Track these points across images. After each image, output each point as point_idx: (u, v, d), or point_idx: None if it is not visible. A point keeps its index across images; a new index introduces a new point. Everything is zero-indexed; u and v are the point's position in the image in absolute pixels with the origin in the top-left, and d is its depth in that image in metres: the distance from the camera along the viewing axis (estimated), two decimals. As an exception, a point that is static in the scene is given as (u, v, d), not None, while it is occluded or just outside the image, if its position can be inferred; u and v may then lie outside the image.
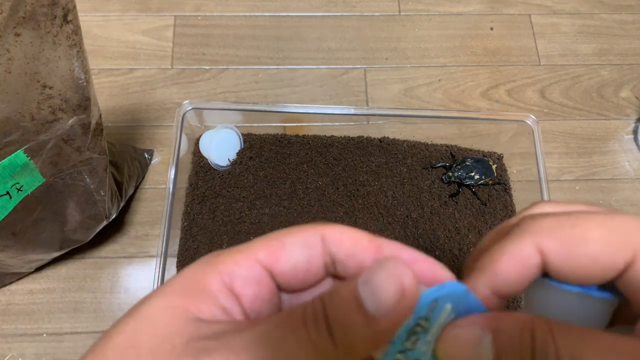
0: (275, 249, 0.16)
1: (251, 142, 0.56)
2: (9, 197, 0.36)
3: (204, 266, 0.16)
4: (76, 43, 0.33)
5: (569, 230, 0.16)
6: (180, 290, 0.16)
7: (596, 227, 0.16)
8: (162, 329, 0.15)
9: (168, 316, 0.15)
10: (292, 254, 0.17)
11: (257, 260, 0.16)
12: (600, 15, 0.70)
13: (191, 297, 0.15)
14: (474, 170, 0.54)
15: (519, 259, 0.16)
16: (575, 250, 0.16)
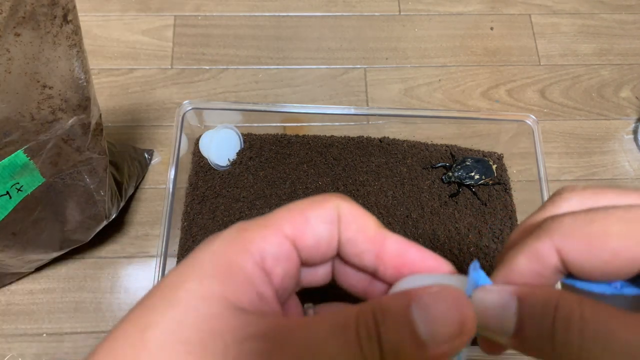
0: (300, 223, 0.16)
1: (251, 142, 0.56)
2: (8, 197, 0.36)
3: (234, 244, 0.16)
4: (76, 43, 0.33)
5: (587, 228, 0.16)
6: (216, 273, 0.15)
7: (615, 221, 0.15)
8: (209, 323, 0.14)
9: (211, 307, 0.14)
10: (317, 228, 0.16)
11: (284, 235, 0.16)
12: (601, 15, 0.70)
13: (228, 282, 0.15)
14: (474, 170, 0.54)
15: (535, 258, 0.16)
16: (595, 247, 0.15)
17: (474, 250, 0.52)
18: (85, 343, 0.49)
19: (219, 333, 0.14)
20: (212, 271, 0.15)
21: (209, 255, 0.15)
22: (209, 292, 0.14)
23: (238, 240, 0.16)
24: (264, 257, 0.16)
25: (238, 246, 0.15)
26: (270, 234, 0.16)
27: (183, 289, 0.15)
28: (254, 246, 0.16)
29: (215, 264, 0.15)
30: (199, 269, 0.15)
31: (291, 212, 0.17)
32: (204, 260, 0.15)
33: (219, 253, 0.15)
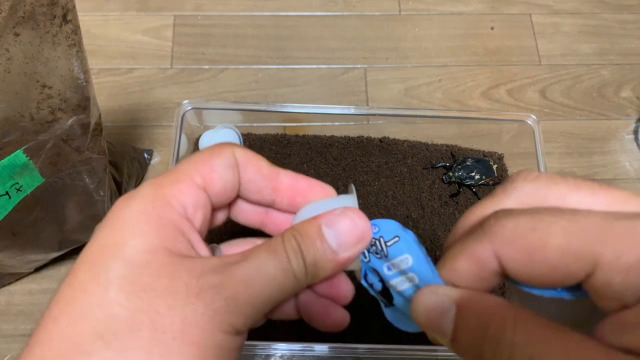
0: (207, 172, 0.18)
1: (251, 142, 0.56)
2: (8, 197, 0.36)
3: (157, 200, 0.17)
4: (75, 43, 0.33)
5: (528, 237, 0.15)
6: (151, 229, 0.17)
7: (557, 232, 0.15)
8: (164, 270, 0.16)
9: (159, 257, 0.16)
10: (222, 174, 0.19)
11: (197, 185, 0.18)
12: (601, 15, 0.69)
13: (164, 235, 0.17)
14: (474, 170, 0.54)
15: (474, 261, 0.17)
16: (533, 259, 0.15)
17: (474, 251, 0.52)
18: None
19: (176, 276, 0.16)
20: (147, 227, 0.17)
21: (136, 214, 0.17)
22: (152, 246, 0.16)
23: (159, 197, 0.17)
24: (185, 208, 0.18)
25: (161, 202, 0.17)
26: (185, 187, 0.18)
27: (128, 246, 0.16)
28: (175, 200, 0.17)
29: (146, 220, 0.17)
30: (134, 226, 0.17)
31: (198, 164, 0.18)
32: (133, 219, 0.17)
33: (145, 211, 0.17)
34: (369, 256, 0.20)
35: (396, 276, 0.20)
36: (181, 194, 0.18)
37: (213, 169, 0.19)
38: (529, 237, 0.15)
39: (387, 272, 0.20)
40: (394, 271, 0.20)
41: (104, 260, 0.16)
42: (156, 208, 0.17)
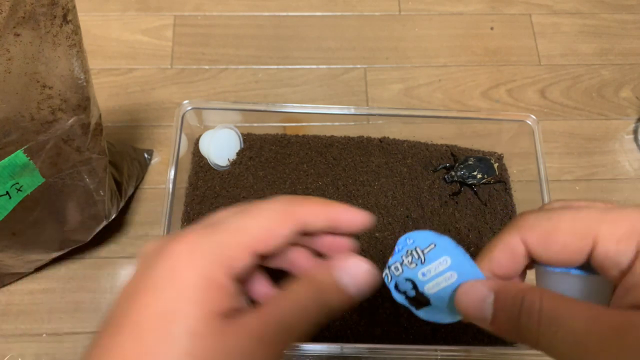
0: (267, 240, 0.20)
1: (251, 142, 0.56)
2: (8, 197, 0.36)
3: (216, 264, 0.18)
4: (76, 43, 0.33)
5: (545, 223, 0.20)
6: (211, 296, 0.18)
7: (566, 220, 0.20)
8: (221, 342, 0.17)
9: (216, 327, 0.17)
10: (280, 242, 0.20)
11: (253, 251, 0.19)
12: (601, 15, 0.69)
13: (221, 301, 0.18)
14: (476, 169, 0.54)
15: (507, 249, 0.21)
16: (549, 240, 0.20)
17: (474, 250, 0.52)
18: (85, 343, 0.49)
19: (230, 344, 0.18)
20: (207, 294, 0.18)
21: (198, 279, 0.18)
22: (211, 314, 0.17)
23: (220, 260, 0.19)
24: (239, 272, 0.19)
25: (220, 265, 0.18)
26: (244, 254, 0.19)
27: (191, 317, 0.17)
28: (234, 263, 0.19)
29: (207, 286, 0.18)
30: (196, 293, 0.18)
31: (262, 229, 0.20)
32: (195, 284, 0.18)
33: (206, 275, 0.18)
34: (402, 268, 0.24)
35: (432, 279, 0.23)
36: (238, 260, 0.19)
37: (274, 239, 0.20)
38: (545, 224, 0.20)
39: (422, 277, 0.23)
40: (429, 276, 0.23)
41: (172, 327, 0.17)
42: (215, 272, 0.18)
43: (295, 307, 0.19)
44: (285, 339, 0.19)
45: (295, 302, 0.20)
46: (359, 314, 0.48)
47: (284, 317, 0.19)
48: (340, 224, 0.22)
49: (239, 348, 0.17)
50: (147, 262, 0.19)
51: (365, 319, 0.49)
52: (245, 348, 0.18)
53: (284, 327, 0.19)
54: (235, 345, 0.17)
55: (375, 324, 0.48)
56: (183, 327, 0.17)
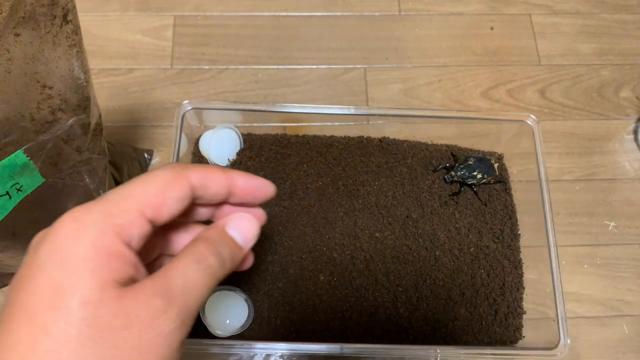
0: (159, 204, 0.20)
1: (251, 142, 0.56)
2: (8, 197, 0.36)
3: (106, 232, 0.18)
4: (76, 43, 0.33)
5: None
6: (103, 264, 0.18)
7: None
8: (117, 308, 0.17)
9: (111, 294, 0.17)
10: (172, 208, 0.20)
11: (145, 217, 0.19)
12: (601, 15, 0.69)
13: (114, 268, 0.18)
14: (476, 169, 0.54)
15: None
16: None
17: (474, 250, 0.52)
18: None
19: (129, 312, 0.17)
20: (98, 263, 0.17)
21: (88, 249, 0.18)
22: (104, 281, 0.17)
23: (108, 227, 0.18)
24: (131, 239, 0.19)
25: (110, 233, 0.18)
26: (134, 219, 0.19)
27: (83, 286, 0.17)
28: (123, 231, 0.19)
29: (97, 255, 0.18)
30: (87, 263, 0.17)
31: (151, 195, 0.20)
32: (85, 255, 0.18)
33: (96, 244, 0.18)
34: None
35: None
36: (130, 226, 0.19)
37: (165, 203, 0.20)
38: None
39: None
40: None
41: (63, 301, 0.17)
42: (105, 240, 0.18)
43: (191, 264, 0.20)
44: (186, 296, 0.19)
45: (191, 259, 0.20)
46: (358, 314, 0.49)
47: (182, 274, 0.19)
48: (237, 189, 0.23)
49: (139, 310, 0.17)
50: (32, 250, 0.19)
51: (365, 319, 0.49)
52: (145, 309, 0.17)
53: (183, 283, 0.19)
54: (135, 308, 0.17)
55: (375, 324, 0.48)
56: (76, 298, 0.17)
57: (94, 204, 0.19)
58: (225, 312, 0.47)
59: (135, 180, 0.20)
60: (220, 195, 0.22)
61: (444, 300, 0.50)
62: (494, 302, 0.50)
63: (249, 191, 0.23)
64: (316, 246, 0.51)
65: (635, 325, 0.53)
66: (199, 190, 0.21)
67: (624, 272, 0.55)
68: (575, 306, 0.53)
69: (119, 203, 0.19)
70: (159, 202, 0.20)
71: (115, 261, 0.18)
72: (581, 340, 0.52)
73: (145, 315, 0.17)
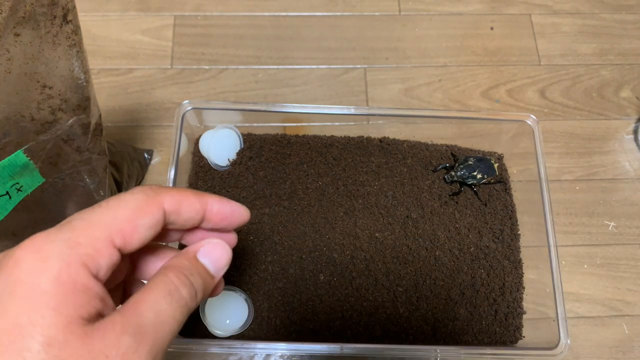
0: (129, 232, 0.18)
1: (251, 142, 0.56)
2: (8, 197, 0.36)
3: (72, 264, 0.17)
4: (76, 43, 0.33)
5: None
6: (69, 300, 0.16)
7: None
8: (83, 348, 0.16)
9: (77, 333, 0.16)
10: (143, 235, 0.19)
11: (114, 246, 0.18)
12: (601, 15, 0.70)
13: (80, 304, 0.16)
14: (476, 169, 0.54)
15: None
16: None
17: (474, 250, 0.52)
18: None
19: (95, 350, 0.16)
20: (63, 298, 0.16)
21: (52, 284, 0.16)
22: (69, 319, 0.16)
23: (74, 259, 0.17)
24: (99, 270, 0.18)
25: (76, 265, 0.17)
26: (103, 248, 0.18)
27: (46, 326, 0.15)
28: (91, 262, 0.17)
29: (63, 291, 0.16)
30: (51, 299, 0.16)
31: (121, 222, 0.18)
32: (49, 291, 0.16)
33: (61, 278, 0.16)
34: None
35: None
36: (97, 256, 0.17)
37: (135, 230, 0.19)
38: None
39: None
40: None
41: (23, 342, 0.15)
42: (72, 274, 0.17)
43: (162, 297, 0.18)
44: (158, 332, 0.18)
45: (162, 291, 0.19)
46: (358, 314, 0.49)
47: (152, 308, 0.18)
48: (212, 214, 0.22)
49: (108, 350, 0.16)
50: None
51: (365, 319, 0.49)
52: (115, 349, 0.16)
53: (154, 318, 0.18)
54: (103, 347, 0.16)
55: (375, 324, 0.48)
56: (38, 338, 0.15)
57: (58, 231, 0.17)
58: (225, 312, 0.47)
59: (103, 205, 0.19)
60: (193, 220, 0.21)
61: (444, 300, 0.50)
62: (494, 302, 0.50)
63: (224, 216, 0.22)
64: (316, 246, 0.51)
65: (635, 325, 0.53)
66: (172, 215, 0.20)
67: (624, 272, 0.55)
68: (575, 306, 0.53)
69: (85, 230, 0.18)
70: (129, 230, 0.18)
71: (81, 296, 0.16)
72: (581, 340, 0.52)
73: (115, 355, 0.16)
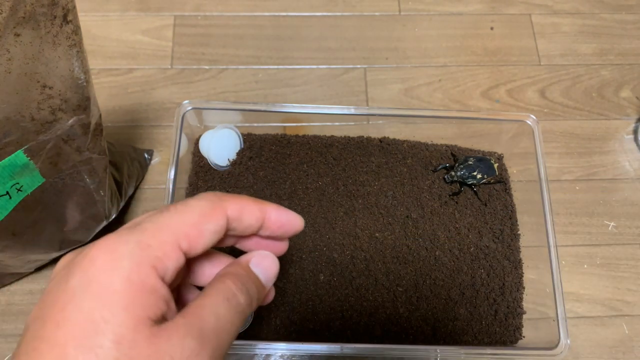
0: (195, 237, 0.19)
1: (251, 142, 0.56)
2: (8, 197, 0.36)
3: (142, 265, 0.17)
4: (76, 43, 0.33)
5: None
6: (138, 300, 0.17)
7: None
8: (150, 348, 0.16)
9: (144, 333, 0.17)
10: (207, 240, 0.20)
11: (180, 249, 0.19)
12: (601, 15, 0.70)
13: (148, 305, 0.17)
14: (476, 169, 0.54)
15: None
16: None
17: (474, 250, 0.52)
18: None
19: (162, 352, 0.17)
20: (132, 299, 0.17)
21: (123, 284, 0.17)
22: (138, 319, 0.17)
23: (145, 260, 0.18)
24: (166, 272, 0.18)
25: (146, 266, 0.18)
26: (170, 251, 0.18)
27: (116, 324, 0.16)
28: (159, 264, 0.18)
29: (132, 290, 0.17)
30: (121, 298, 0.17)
31: (187, 226, 0.19)
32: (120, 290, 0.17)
33: (131, 278, 0.17)
34: None
35: None
36: (166, 259, 0.18)
37: (201, 235, 0.19)
38: None
39: None
40: None
41: (96, 339, 0.16)
42: (141, 275, 0.17)
43: (221, 302, 0.19)
44: (218, 336, 0.18)
45: (221, 297, 0.20)
46: (358, 314, 0.49)
47: (213, 313, 0.19)
48: (270, 222, 0.23)
49: (172, 351, 0.17)
50: (60, 277, 0.18)
51: (365, 319, 0.49)
52: (179, 350, 0.17)
53: (215, 323, 0.19)
54: (168, 349, 0.17)
55: (375, 324, 0.48)
56: (109, 336, 0.16)
57: (130, 233, 0.18)
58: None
59: (172, 209, 0.19)
60: (253, 227, 0.22)
61: (444, 300, 0.50)
62: (494, 302, 0.50)
63: (280, 224, 0.23)
64: (316, 246, 0.51)
65: (635, 325, 0.53)
66: (234, 222, 0.21)
67: (624, 272, 0.55)
68: (575, 306, 0.53)
69: (155, 233, 0.18)
70: (195, 234, 0.19)
71: (149, 297, 0.17)
72: (581, 340, 0.52)
73: (180, 357, 0.17)
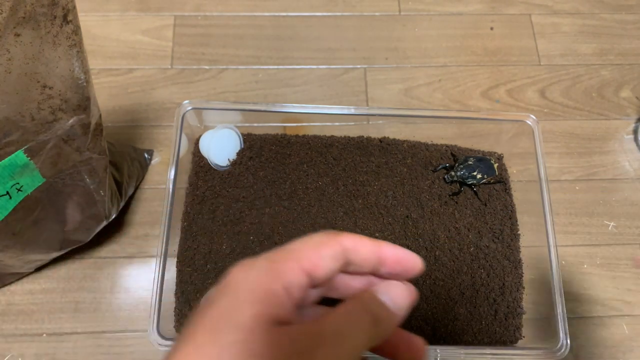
0: (316, 260, 0.22)
1: (251, 142, 0.56)
2: (8, 197, 0.36)
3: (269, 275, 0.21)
4: (76, 43, 0.33)
5: None
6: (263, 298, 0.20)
7: None
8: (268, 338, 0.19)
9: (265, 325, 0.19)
10: (327, 265, 0.22)
11: (302, 269, 0.21)
12: (601, 15, 0.70)
13: (272, 305, 0.20)
14: (476, 169, 0.54)
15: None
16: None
17: (474, 250, 0.52)
18: (85, 343, 0.49)
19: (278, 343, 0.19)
20: (259, 296, 0.20)
21: (252, 284, 0.20)
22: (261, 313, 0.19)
23: (272, 270, 0.21)
24: (290, 285, 0.21)
25: (273, 275, 0.21)
26: (294, 268, 0.21)
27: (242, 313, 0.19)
28: (284, 276, 0.21)
29: (259, 290, 0.20)
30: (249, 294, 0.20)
31: (308, 250, 0.22)
32: (249, 288, 0.20)
33: (260, 281, 0.20)
34: None
35: None
36: (289, 273, 0.21)
37: (320, 258, 0.22)
38: None
39: None
40: None
41: (222, 324, 0.19)
42: (268, 280, 0.20)
43: (341, 315, 0.21)
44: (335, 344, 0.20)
45: (342, 312, 0.21)
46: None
47: (333, 322, 0.20)
48: (386, 257, 0.23)
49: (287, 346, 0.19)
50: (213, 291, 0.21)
51: (365, 319, 0.48)
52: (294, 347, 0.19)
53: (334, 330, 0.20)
54: (283, 343, 0.19)
55: (375, 323, 0.48)
56: (236, 330, 0.19)
57: (261, 257, 0.22)
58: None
59: (294, 241, 0.22)
60: (369, 261, 0.23)
61: (443, 300, 0.50)
62: (494, 302, 0.50)
63: (397, 259, 0.24)
64: (316, 246, 0.51)
65: (635, 325, 0.53)
66: (350, 253, 0.23)
67: (624, 272, 0.55)
68: (575, 306, 0.54)
69: (281, 255, 0.22)
70: (315, 257, 0.22)
71: (271, 298, 0.20)
72: (581, 340, 0.52)
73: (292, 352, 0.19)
